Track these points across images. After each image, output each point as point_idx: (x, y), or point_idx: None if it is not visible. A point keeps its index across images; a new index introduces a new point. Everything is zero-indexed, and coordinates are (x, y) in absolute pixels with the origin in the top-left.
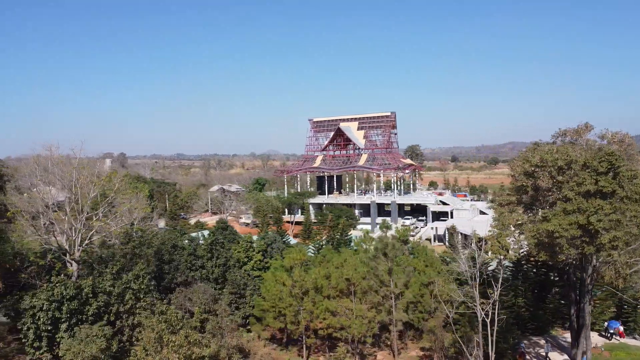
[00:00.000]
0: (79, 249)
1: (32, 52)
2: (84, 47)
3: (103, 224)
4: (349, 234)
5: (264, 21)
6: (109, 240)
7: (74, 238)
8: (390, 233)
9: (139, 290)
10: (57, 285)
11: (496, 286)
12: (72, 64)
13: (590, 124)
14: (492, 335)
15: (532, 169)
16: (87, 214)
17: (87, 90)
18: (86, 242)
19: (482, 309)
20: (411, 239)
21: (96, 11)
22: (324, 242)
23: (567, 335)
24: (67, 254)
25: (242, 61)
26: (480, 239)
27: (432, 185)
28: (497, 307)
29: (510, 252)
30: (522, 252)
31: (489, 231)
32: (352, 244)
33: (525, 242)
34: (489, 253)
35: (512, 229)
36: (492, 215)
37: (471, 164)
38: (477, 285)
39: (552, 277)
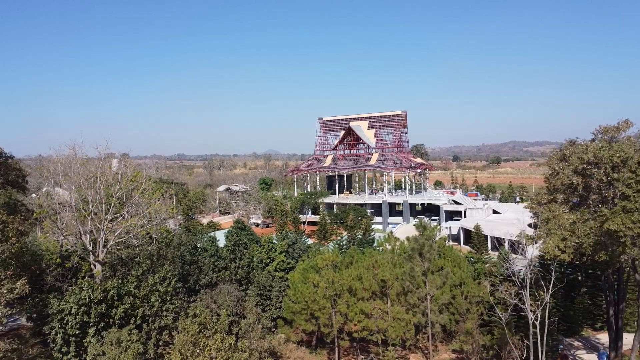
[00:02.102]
0: (103, 251)
1: (32, 51)
2: (83, 47)
3: (128, 224)
4: (372, 233)
5: (264, 21)
6: (132, 241)
7: (98, 239)
8: (414, 233)
9: (165, 292)
10: (84, 288)
11: (546, 287)
12: (72, 63)
13: (630, 121)
14: (542, 338)
15: (584, 166)
16: (113, 214)
17: (86, 90)
18: (111, 243)
19: (532, 311)
20: None
21: (97, 10)
22: (344, 242)
23: (600, 337)
24: (92, 255)
25: (243, 61)
26: (513, 240)
27: (438, 184)
28: (547, 309)
29: (563, 253)
30: (576, 253)
31: (539, 231)
32: (375, 243)
33: (575, 242)
34: (530, 253)
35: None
36: (530, 215)
37: (474, 163)
38: (527, 287)
39: (579, 277)
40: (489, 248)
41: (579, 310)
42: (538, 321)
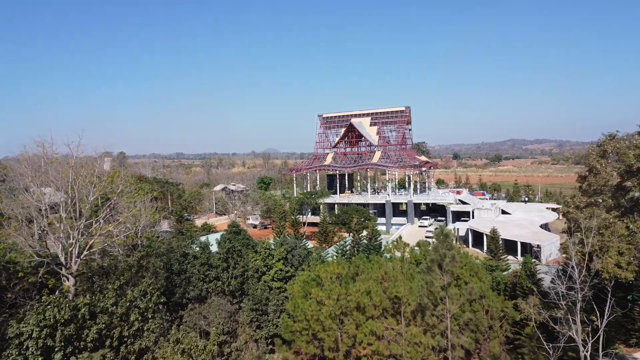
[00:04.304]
0: (76, 261)
1: (31, 50)
2: (83, 46)
3: (104, 231)
4: (379, 238)
5: (264, 19)
6: (111, 250)
7: (70, 249)
8: (419, 234)
9: (146, 309)
10: (49, 306)
11: (600, 310)
12: (72, 62)
13: None
14: None
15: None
16: (86, 220)
17: (85, 89)
18: (85, 252)
19: (583, 340)
20: (431, 240)
21: (96, 10)
22: (348, 247)
23: (638, 355)
24: (63, 268)
25: (242, 60)
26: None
27: (440, 183)
28: (602, 340)
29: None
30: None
31: (592, 242)
32: (382, 248)
33: (636, 257)
34: (545, 257)
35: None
36: (562, 220)
37: (474, 162)
38: (578, 312)
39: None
40: (500, 252)
41: (612, 325)
42: (589, 352)
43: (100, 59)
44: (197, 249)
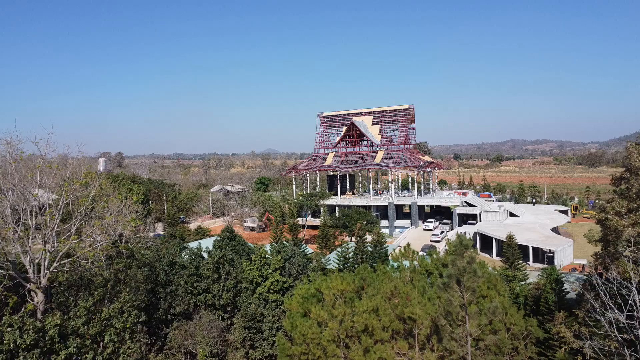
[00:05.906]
0: (45, 274)
1: (31, 50)
2: (83, 46)
3: (75, 240)
4: (385, 245)
5: (261, 20)
6: (85, 262)
7: (37, 260)
8: (423, 237)
9: (123, 329)
10: (7, 329)
11: None
12: (71, 62)
13: None
14: None
15: None
16: (57, 227)
17: (85, 90)
18: (55, 264)
19: None
20: (437, 245)
21: (96, 10)
22: (350, 254)
23: None
24: (31, 283)
25: (241, 60)
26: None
27: (442, 184)
28: None
29: None
30: None
31: None
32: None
33: None
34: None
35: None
36: (572, 223)
37: (476, 162)
38: None
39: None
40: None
41: None
42: None
43: (100, 59)
44: (186, 257)
